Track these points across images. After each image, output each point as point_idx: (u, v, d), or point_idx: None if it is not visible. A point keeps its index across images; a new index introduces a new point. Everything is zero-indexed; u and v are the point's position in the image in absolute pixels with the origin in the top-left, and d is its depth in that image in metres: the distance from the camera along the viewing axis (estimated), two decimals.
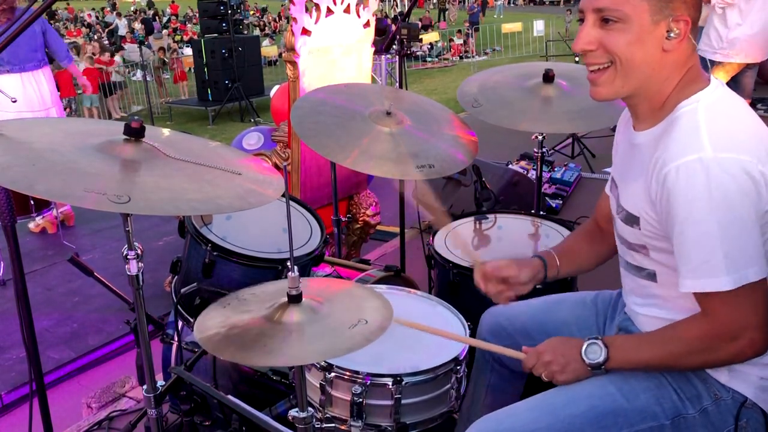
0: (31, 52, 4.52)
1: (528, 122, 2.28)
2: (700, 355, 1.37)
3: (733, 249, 1.25)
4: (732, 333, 1.32)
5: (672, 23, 1.32)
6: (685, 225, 1.28)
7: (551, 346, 1.52)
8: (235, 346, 1.33)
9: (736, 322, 1.31)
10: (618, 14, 1.32)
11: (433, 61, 18.77)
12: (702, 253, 1.27)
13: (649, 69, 1.36)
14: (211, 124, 11.56)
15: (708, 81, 1.39)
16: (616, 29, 1.33)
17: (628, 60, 1.35)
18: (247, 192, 1.51)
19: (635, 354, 1.44)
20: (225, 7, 11.45)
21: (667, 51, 1.34)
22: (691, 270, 1.30)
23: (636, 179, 1.42)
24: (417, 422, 1.69)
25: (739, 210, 1.24)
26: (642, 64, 1.35)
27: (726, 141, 1.27)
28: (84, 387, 2.96)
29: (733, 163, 1.24)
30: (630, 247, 1.50)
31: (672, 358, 1.41)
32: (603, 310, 1.74)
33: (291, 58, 3.11)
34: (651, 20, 1.31)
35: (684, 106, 1.35)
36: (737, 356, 1.35)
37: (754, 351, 1.34)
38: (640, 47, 1.33)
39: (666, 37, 1.33)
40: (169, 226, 4.61)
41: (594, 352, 1.45)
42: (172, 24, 27.95)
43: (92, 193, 1.26)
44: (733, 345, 1.33)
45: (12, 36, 1.51)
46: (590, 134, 5.80)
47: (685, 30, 1.33)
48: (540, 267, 1.72)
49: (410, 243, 3.30)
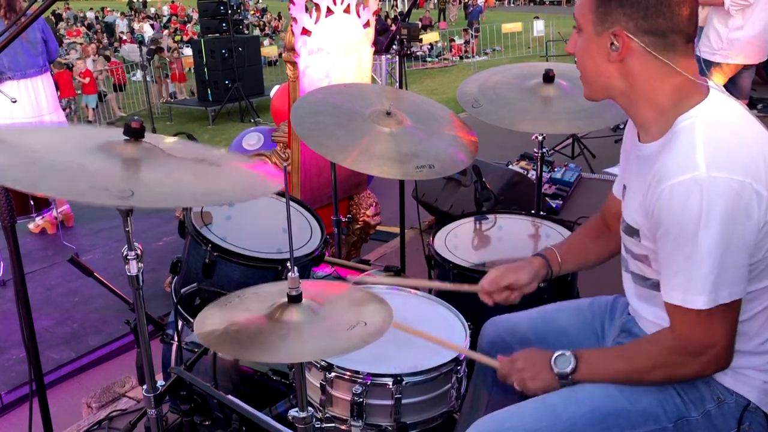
0: (33, 58, 4.50)
1: (528, 122, 2.28)
2: (665, 370, 1.40)
3: (715, 270, 1.27)
4: (697, 350, 1.34)
5: (612, 36, 1.36)
6: (676, 241, 1.29)
7: (523, 355, 1.56)
8: (233, 342, 1.34)
9: (703, 340, 1.33)
10: (578, 24, 1.42)
11: (433, 61, 18.77)
12: (685, 269, 1.29)
13: (601, 78, 1.42)
14: (211, 124, 11.57)
15: (706, 92, 1.38)
16: (579, 37, 1.44)
17: (581, 66, 1.46)
18: (249, 184, 1.51)
19: (602, 367, 1.47)
20: (225, 7, 11.46)
21: (614, 63, 1.38)
22: (672, 283, 1.33)
23: (637, 192, 1.43)
24: (417, 422, 1.69)
25: (727, 233, 1.25)
26: (592, 71, 1.43)
27: (721, 159, 1.27)
28: (84, 387, 2.96)
29: (726, 183, 1.24)
30: (635, 257, 1.51)
31: (637, 373, 1.44)
32: (600, 315, 1.75)
33: (291, 58, 3.11)
34: (594, 31, 1.38)
35: (682, 120, 1.34)
36: (701, 372, 1.38)
37: (717, 368, 1.38)
38: (589, 56, 1.42)
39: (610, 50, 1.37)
40: (169, 226, 4.60)
41: (563, 362, 1.48)
42: (172, 24, 27.95)
43: (96, 189, 1.26)
44: (697, 360, 1.35)
45: (11, 37, 1.51)
46: (590, 134, 5.80)
47: (624, 45, 1.35)
48: (541, 265, 1.74)
49: (410, 243, 3.30)
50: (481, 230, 2.45)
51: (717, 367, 1.37)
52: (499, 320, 1.83)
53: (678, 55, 1.35)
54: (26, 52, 4.42)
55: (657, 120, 1.39)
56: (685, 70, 1.36)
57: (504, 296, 1.73)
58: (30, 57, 4.47)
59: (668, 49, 1.34)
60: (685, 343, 1.35)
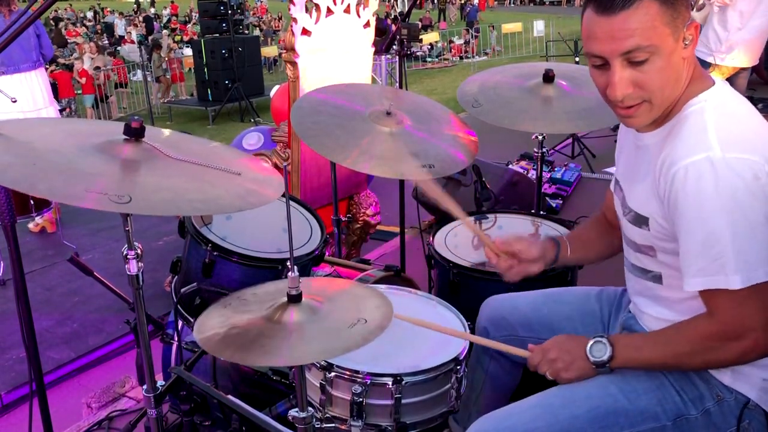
0: (26, 53, 4.55)
1: (528, 122, 2.28)
2: (704, 355, 1.37)
3: (744, 248, 1.25)
4: (737, 333, 1.31)
5: (685, 31, 1.32)
6: (694, 223, 1.28)
7: (556, 343, 1.52)
8: (234, 346, 1.33)
9: (741, 322, 1.30)
10: (649, 49, 1.29)
11: (433, 61, 18.77)
12: (712, 251, 1.27)
13: (679, 83, 1.36)
14: (211, 124, 11.57)
15: (711, 80, 1.39)
16: (648, 64, 1.30)
17: (662, 89, 1.33)
18: (247, 192, 1.51)
19: (639, 353, 1.43)
20: (225, 8, 11.47)
21: (687, 58, 1.35)
22: (700, 269, 1.30)
23: (644, 180, 1.42)
24: (417, 422, 1.69)
25: (748, 210, 1.25)
26: (672, 81, 1.34)
27: (734, 141, 1.27)
28: (84, 387, 2.96)
29: (742, 163, 1.24)
30: (637, 248, 1.50)
31: (676, 358, 1.40)
32: (607, 307, 1.74)
33: (291, 58, 3.11)
34: (673, 39, 1.30)
35: (691, 105, 1.35)
36: (741, 357, 1.35)
37: (758, 353, 1.33)
38: (670, 70, 1.32)
39: (684, 47, 1.33)
40: (169, 226, 4.60)
41: (599, 350, 1.44)
42: (172, 24, 27.94)
43: (93, 193, 1.26)
44: (737, 345, 1.32)
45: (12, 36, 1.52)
46: (590, 134, 5.80)
47: (696, 32, 1.34)
48: (551, 247, 1.73)
49: (410, 243, 3.30)
50: (481, 230, 2.44)
51: (757, 353, 1.33)
52: (500, 298, 1.81)
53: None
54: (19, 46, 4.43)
55: (665, 109, 1.38)
56: None
57: (508, 264, 1.70)
58: (23, 52, 4.50)
59: None
60: (723, 326, 1.32)
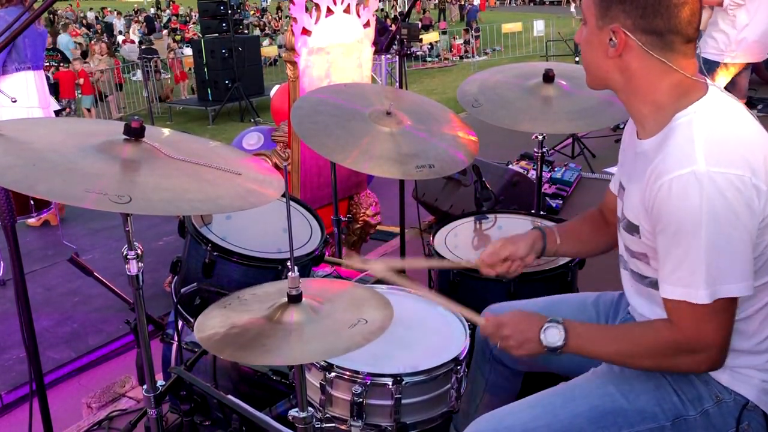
0: (42, 51, 4.68)
1: (528, 122, 2.28)
2: (655, 360, 1.40)
3: (716, 264, 1.26)
4: (693, 347, 1.34)
5: (611, 32, 1.37)
6: (675, 237, 1.29)
7: (512, 320, 1.54)
8: (234, 345, 1.33)
9: (699, 337, 1.32)
10: (583, 15, 1.45)
11: (433, 61, 18.76)
12: (686, 264, 1.28)
13: (600, 71, 1.44)
14: (211, 124, 11.57)
15: (705, 90, 1.38)
16: (584, 29, 1.46)
17: (584, 56, 1.48)
18: (247, 192, 1.51)
19: (592, 345, 1.46)
20: (225, 7, 11.47)
21: (612, 58, 1.39)
22: (671, 278, 1.32)
23: (636, 188, 1.43)
24: (417, 422, 1.69)
25: (728, 227, 1.25)
26: (592, 64, 1.46)
27: (720, 154, 1.27)
28: (84, 387, 2.96)
29: (725, 178, 1.24)
30: (632, 255, 1.51)
31: (627, 357, 1.43)
32: (604, 312, 1.75)
33: (291, 58, 3.11)
34: (596, 24, 1.40)
35: (680, 117, 1.35)
36: (692, 369, 1.38)
37: (708, 367, 1.37)
38: (590, 48, 1.44)
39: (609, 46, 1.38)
40: (169, 226, 4.60)
41: (552, 335, 1.46)
42: (172, 24, 27.94)
43: (93, 193, 1.26)
44: (692, 358, 1.35)
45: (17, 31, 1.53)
46: (590, 134, 5.80)
47: (621, 42, 1.35)
48: (537, 237, 1.77)
49: (410, 243, 3.30)
50: (481, 230, 2.44)
51: (709, 367, 1.37)
52: (499, 306, 1.82)
53: (676, 55, 1.35)
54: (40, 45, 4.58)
55: (654, 116, 1.39)
56: (684, 69, 1.36)
57: (505, 267, 1.75)
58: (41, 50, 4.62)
59: (666, 48, 1.34)
60: (681, 338, 1.34)
